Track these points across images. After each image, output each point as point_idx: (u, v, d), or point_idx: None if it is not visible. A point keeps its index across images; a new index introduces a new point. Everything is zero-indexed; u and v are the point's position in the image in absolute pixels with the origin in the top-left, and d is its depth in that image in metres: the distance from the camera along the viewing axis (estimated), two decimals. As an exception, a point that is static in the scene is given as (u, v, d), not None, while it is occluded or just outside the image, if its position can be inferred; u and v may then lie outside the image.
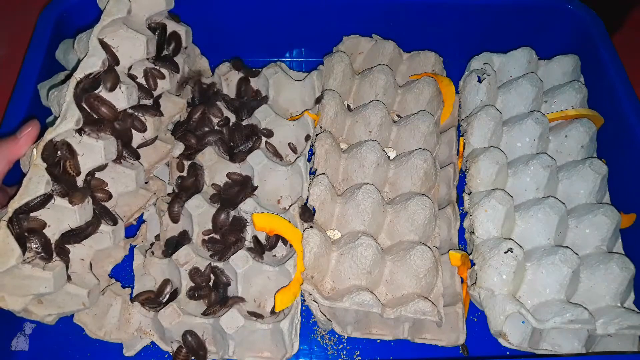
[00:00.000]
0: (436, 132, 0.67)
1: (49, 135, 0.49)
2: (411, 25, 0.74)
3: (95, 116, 0.53)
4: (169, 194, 0.65)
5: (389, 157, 0.66)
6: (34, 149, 0.49)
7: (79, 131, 0.52)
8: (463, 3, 0.72)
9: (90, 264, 0.57)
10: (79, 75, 0.51)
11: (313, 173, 0.63)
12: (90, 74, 0.51)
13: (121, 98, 0.55)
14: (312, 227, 0.57)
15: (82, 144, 0.53)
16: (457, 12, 0.73)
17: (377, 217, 0.60)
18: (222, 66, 0.72)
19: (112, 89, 0.53)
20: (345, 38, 0.75)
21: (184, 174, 0.65)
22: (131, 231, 0.64)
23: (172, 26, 0.65)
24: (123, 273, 0.62)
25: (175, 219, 0.61)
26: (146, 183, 0.65)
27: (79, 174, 0.53)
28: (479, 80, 0.68)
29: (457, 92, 0.72)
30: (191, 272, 0.57)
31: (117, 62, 0.56)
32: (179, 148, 0.66)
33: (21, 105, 0.59)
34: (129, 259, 0.62)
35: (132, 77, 0.59)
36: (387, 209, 0.61)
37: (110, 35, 0.56)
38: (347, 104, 0.71)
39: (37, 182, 0.48)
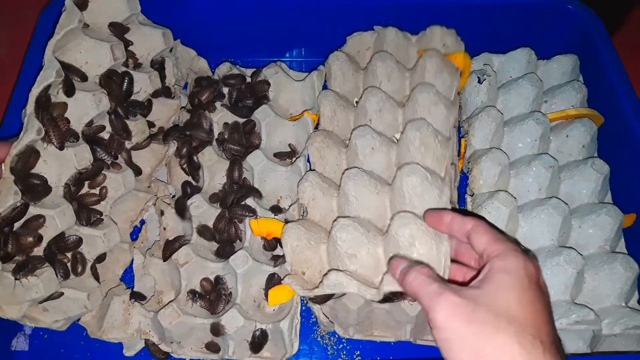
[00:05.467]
0: (443, 102, 0.61)
1: (14, 149, 0.51)
2: (411, 25, 0.74)
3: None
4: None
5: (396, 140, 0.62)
6: (2, 164, 0.51)
7: (48, 139, 0.53)
8: (463, 3, 0.72)
9: (94, 268, 0.58)
10: (36, 89, 0.53)
11: None
12: (48, 86, 0.53)
13: (90, 105, 0.57)
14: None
15: (53, 155, 0.54)
16: (457, 12, 0.73)
17: (368, 200, 0.54)
18: (222, 66, 0.72)
19: (69, 95, 0.56)
20: (348, 38, 0.74)
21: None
22: (135, 233, 0.64)
23: (146, 31, 0.65)
24: (123, 273, 0.62)
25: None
26: (148, 187, 0.65)
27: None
28: (479, 81, 0.68)
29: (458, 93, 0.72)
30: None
31: (78, 73, 0.58)
32: (174, 146, 0.66)
33: (21, 106, 0.58)
34: (128, 259, 0.62)
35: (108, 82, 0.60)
36: (383, 190, 0.56)
37: (76, 49, 0.58)
38: (356, 101, 0.68)
39: (6, 194, 0.50)
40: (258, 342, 0.54)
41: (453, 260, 0.46)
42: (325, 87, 0.69)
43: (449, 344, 0.36)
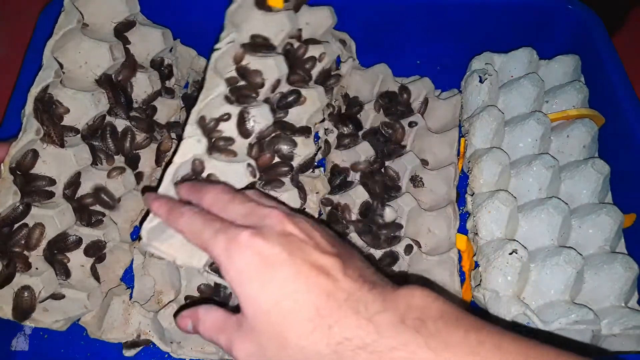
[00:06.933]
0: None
1: (13, 149, 0.51)
2: (411, 25, 0.74)
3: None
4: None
5: None
6: (2, 165, 0.51)
7: (48, 139, 0.53)
8: (463, 3, 0.72)
9: (94, 268, 0.58)
10: (35, 89, 0.52)
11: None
12: (47, 86, 0.53)
13: (89, 105, 0.56)
14: None
15: (52, 155, 0.54)
16: (457, 12, 0.73)
17: None
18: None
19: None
20: None
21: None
22: (135, 233, 0.64)
23: (146, 31, 0.65)
24: (123, 273, 0.62)
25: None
26: None
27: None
28: (481, 81, 0.68)
29: (460, 92, 0.72)
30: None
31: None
32: (174, 146, 0.66)
33: (21, 106, 0.58)
34: (128, 259, 0.61)
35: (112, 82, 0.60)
36: None
37: (75, 49, 0.58)
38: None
39: (5, 194, 0.50)
40: None
41: None
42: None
43: None
